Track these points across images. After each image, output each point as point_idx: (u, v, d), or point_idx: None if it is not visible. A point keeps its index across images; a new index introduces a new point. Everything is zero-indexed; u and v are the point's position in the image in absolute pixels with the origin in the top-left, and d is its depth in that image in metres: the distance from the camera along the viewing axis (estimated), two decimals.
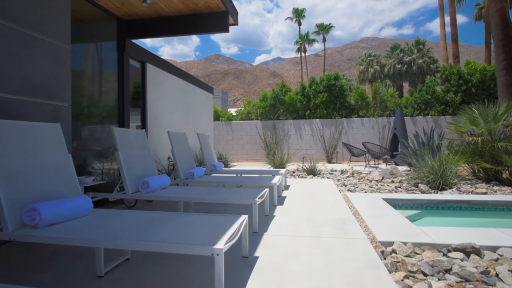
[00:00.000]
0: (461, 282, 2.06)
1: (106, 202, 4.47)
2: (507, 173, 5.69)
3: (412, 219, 3.61)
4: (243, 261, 2.37)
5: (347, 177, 7.32)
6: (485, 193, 5.00)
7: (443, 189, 5.29)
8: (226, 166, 10.15)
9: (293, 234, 3.05)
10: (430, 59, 29.92)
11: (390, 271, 2.20)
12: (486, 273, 2.17)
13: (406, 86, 32.79)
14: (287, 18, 45.98)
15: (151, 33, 5.61)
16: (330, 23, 43.73)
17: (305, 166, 8.36)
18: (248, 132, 13.81)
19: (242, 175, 6.28)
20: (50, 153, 2.57)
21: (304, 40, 44.31)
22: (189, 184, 4.93)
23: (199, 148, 6.30)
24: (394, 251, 2.56)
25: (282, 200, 4.75)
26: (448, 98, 12.08)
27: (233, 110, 17.36)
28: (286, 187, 5.97)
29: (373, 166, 10.09)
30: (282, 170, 6.19)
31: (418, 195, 4.85)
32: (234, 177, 5.73)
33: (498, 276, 2.14)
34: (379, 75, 32.17)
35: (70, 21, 3.44)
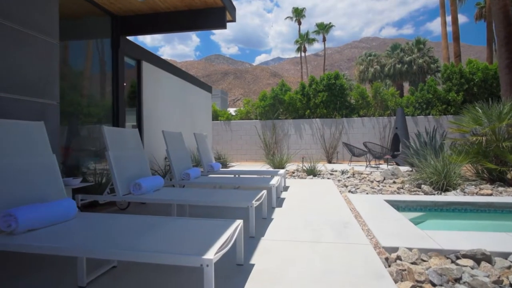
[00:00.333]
0: None
1: (98, 205, 4.32)
2: None
3: (416, 222, 3.47)
4: (238, 269, 2.21)
5: (348, 177, 7.16)
6: (490, 194, 4.84)
7: (447, 190, 5.14)
8: (224, 166, 9.97)
9: (291, 238, 2.90)
10: (430, 59, 29.80)
11: (395, 281, 2.05)
12: (499, 282, 2.01)
13: (407, 86, 32.66)
14: (287, 17, 45.90)
15: (147, 29, 5.47)
16: (330, 23, 43.56)
17: (305, 166, 8.20)
18: (247, 132, 13.63)
19: (240, 176, 6.13)
20: (32, 153, 2.41)
21: (304, 39, 44.13)
22: (185, 185, 4.78)
23: (196, 148, 6.15)
24: (399, 258, 2.40)
25: (281, 202, 4.59)
26: (449, 98, 11.91)
27: (232, 110, 17.18)
28: (285, 188, 5.81)
29: (374, 166, 9.92)
30: (281, 171, 6.03)
31: (422, 197, 4.69)
32: (231, 178, 5.56)
33: (511, 286, 1.98)
34: (379, 75, 32.05)
35: (58, 14, 3.28)
